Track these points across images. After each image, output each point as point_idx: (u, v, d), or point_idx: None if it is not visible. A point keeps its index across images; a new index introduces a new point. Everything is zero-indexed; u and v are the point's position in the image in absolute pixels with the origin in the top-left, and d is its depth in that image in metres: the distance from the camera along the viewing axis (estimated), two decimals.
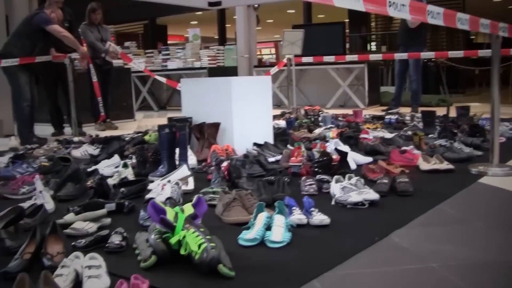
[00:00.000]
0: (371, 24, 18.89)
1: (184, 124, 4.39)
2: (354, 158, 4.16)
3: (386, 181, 3.33)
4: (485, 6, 16.84)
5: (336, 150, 4.13)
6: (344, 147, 4.40)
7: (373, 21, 18.65)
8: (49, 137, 6.94)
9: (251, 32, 11.52)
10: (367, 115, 7.67)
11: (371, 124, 6.46)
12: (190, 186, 3.55)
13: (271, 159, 4.39)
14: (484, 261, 2.17)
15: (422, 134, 4.95)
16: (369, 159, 4.27)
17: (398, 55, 8.73)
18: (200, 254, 2.04)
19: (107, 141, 5.28)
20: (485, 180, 3.71)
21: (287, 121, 6.55)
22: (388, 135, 5.45)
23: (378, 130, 5.86)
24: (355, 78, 10.71)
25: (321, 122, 6.70)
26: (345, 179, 3.23)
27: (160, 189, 3.20)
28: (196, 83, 5.40)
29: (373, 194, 3.03)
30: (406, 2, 2.89)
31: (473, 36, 20.22)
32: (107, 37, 8.01)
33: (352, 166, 3.96)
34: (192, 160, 4.36)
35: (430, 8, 3.19)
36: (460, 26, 3.52)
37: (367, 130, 5.60)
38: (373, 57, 10.29)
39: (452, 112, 6.26)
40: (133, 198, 3.27)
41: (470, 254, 2.24)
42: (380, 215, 2.83)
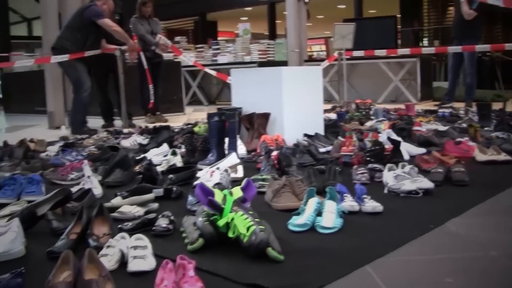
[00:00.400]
0: (424, 18, 18.46)
1: (233, 112, 4.36)
2: (407, 149, 4.05)
3: (441, 170, 3.22)
4: None
5: (388, 139, 4.03)
6: (396, 138, 4.29)
7: (425, 15, 18.22)
8: (99, 129, 7.02)
9: (302, 26, 11.44)
10: (420, 110, 7.49)
11: (424, 117, 6.31)
12: (239, 173, 3.52)
13: (322, 150, 4.33)
14: None
15: (478, 125, 4.77)
16: (422, 150, 4.14)
17: (452, 48, 8.50)
18: (248, 236, 1.98)
19: (157, 130, 5.30)
20: None
21: (338, 113, 6.48)
22: (442, 127, 5.32)
23: (431, 123, 5.70)
24: (407, 73, 10.45)
25: (372, 115, 6.60)
26: (398, 168, 3.14)
27: (209, 175, 3.15)
28: (246, 74, 5.34)
29: (427, 183, 2.92)
30: None
31: None
32: (158, 30, 8.04)
33: (405, 156, 3.85)
34: (241, 150, 4.33)
35: None
36: None
37: (420, 123, 5.47)
38: (425, 50, 10.08)
39: (508, 107, 6.05)
40: (181, 184, 3.24)
41: None
42: (434, 204, 2.72)
